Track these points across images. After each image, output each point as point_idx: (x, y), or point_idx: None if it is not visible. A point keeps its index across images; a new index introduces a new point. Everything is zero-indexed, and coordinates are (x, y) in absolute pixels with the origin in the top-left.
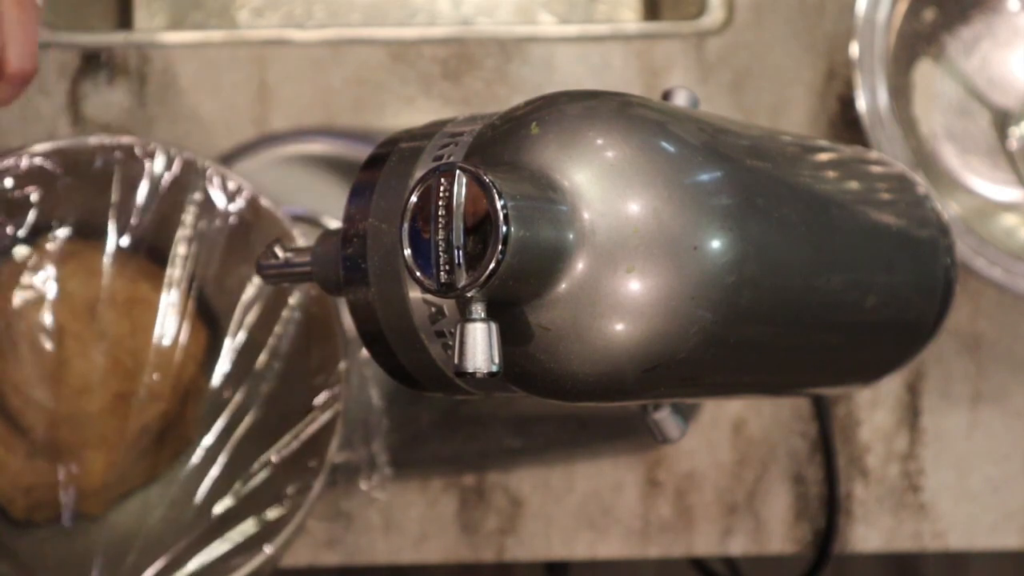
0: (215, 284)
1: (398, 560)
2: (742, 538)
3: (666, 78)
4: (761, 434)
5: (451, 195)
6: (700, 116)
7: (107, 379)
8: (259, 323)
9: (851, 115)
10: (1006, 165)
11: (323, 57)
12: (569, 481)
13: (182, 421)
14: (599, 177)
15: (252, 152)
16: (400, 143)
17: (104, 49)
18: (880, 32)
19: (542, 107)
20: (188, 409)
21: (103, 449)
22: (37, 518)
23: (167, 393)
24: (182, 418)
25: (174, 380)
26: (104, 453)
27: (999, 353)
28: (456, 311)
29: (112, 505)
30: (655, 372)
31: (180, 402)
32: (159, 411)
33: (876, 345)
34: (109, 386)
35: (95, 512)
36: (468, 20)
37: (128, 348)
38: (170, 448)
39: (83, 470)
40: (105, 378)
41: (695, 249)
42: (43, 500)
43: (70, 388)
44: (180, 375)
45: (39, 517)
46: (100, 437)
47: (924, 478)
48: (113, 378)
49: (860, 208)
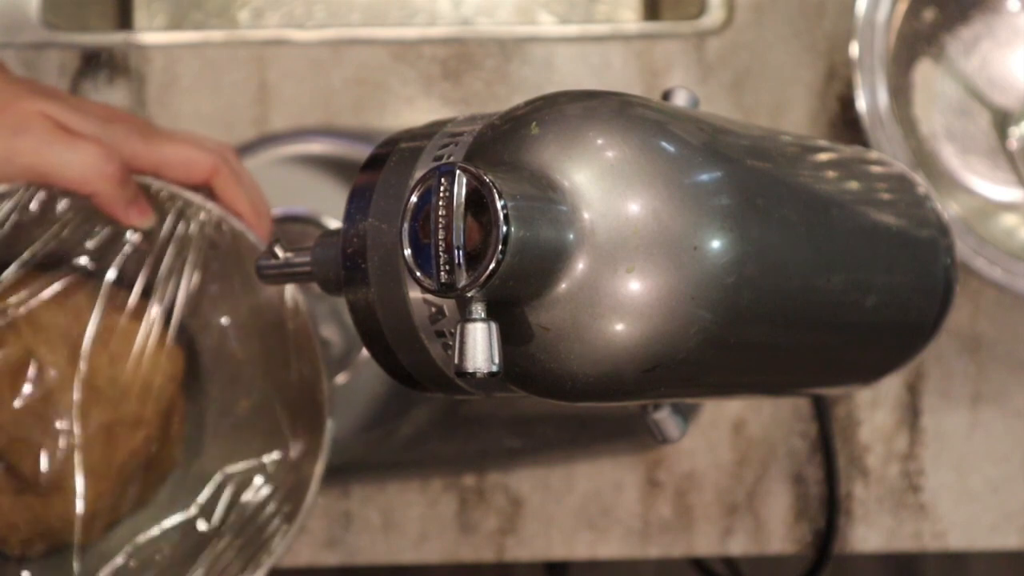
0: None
1: (398, 560)
2: (742, 538)
3: (666, 78)
4: (761, 434)
5: (451, 195)
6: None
7: (89, 410)
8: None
9: (851, 115)
10: (1006, 165)
11: (323, 57)
12: (569, 481)
13: (167, 444)
14: (599, 177)
15: (252, 152)
16: (400, 143)
17: (104, 49)
18: (880, 32)
19: (542, 107)
20: (172, 431)
21: (90, 480)
22: (32, 553)
23: (150, 418)
24: (167, 441)
25: (156, 405)
26: (91, 484)
27: (999, 353)
28: (456, 311)
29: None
30: (655, 372)
31: (163, 426)
32: (144, 437)
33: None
34: (92, 417)
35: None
36: (468, 20)
37: (107, 377)
38: (156, 472)
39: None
40: (87, 409)
41: (695, 249)
42: (34, 535)
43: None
44: (161, 399)
45: (34, 552)
46: (86, 468)
47: (924, 478)
48: (95, 408)
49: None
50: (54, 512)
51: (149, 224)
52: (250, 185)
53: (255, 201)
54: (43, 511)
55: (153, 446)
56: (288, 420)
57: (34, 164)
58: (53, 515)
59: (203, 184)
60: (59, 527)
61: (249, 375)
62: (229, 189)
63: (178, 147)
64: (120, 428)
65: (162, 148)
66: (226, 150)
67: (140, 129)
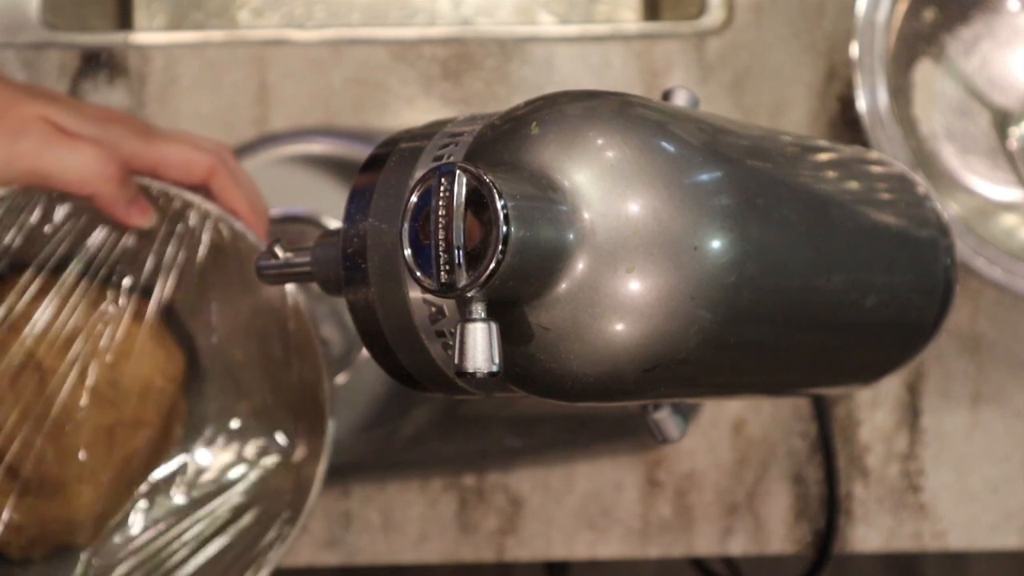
0: (187, 304)
1: (398, 560)
2: (742, 538)
3: (666, 78)
4: (761, 434)
5: (451, 195)
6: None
7: (90, 412)
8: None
9: (851, 115)
10: (1006, 165)
11: (323, 57)
12: (569, 481)
13: (168, 444)
14: (599, 177)
15: (252, 152)
16: (400, 143)
17: (104, 49)
18: (880, 32)
19: (542, 107)
20: (173, 432)
21: (92, 482)
22: (34, 556)
23: (151, 419)
24: (167, 441)
25: (157, 406)
26: (93, 485)
27: (999, 353)
28: (456, 311)
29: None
30: (655, 372)
31: (164, 426)
32: (145, 437)
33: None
34: (93, 419)
35: (89, 543)
36: (468, 20)
37: (107, 379)
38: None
39: (74, 504)
40: (88, 411)
41: (695, 249)
42: (36, 538)
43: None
44: (162, 400)
45: (35, 555)
46: (89, 470)
47: (924, 478)
48: (96, 410)
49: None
50: (57, 514)
51: (150, 224)
52: (248, 185)
53: (253, 201)
54: (46, 514)
55: (154, 447)
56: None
57: (34, 167)
58: (56, 517)
59: (201, 184)
60: (61, 529)
61: (249, 376)
62: (227, 189)
63: (176, 147)
64: (121, 430)
65: (160, 148)
66: (223, 150)
67: (138, 130)
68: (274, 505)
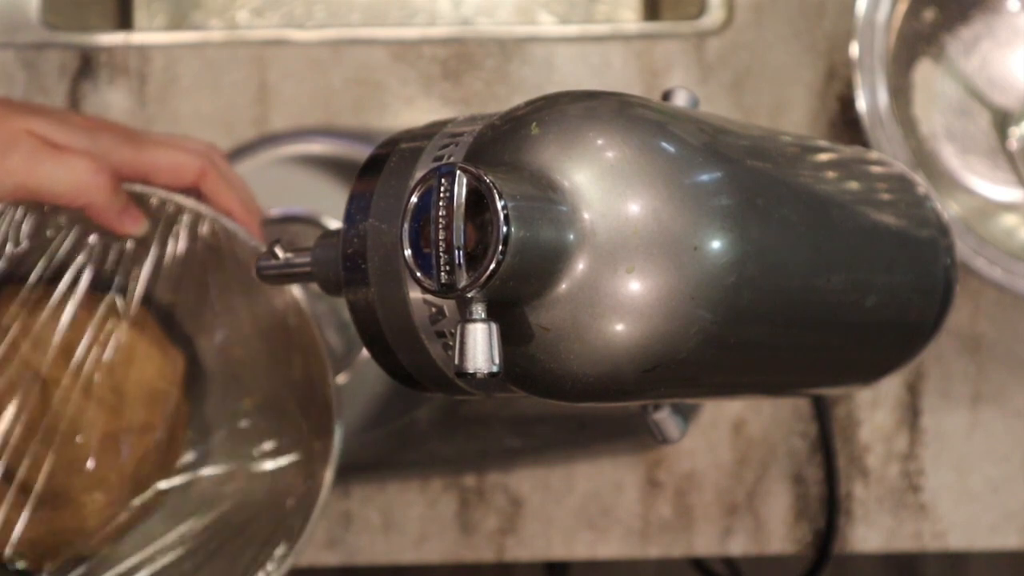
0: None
1: (398, 560)
2: (742, 538)
3: (666, 78)
4: (761, 434)
5: (451, 195)
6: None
7: (94, 420)
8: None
9: (851, 115)
10: (1006, 165)
11: (323, 57)
12: (569, 481)
13: (176, 448)
14: (599, 177)
15: (252, 152)
16: (400, 143)
17: (104, 49)
18: (880, 32)
19: (542, 107)
20: (179, 435)
21: (101, 489)
22: (47, 568)
23: (156, 422)
24: (175, 445)
25: (160, 409)
26: (103, 493)
27: (999, 353)
28: (456, 311)
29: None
30: (655, 372)
31: (170, 429)
32: (150, 442)
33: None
34: (97, 427)
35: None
36: (468, 20)
37: (109, 386)
38: (165, 476)
39: (85, 513)
40: (92, 419)
41: (695, 249)
42: (49, 549)
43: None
44: (165, 403)
45: (48, 567)
46: (98, 478)
47: (924, 478)
48: (100, 418)
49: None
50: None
51: (142, 231)
52: (239, 184)
53: (245, 199)
54: (58, 525)
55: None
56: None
57: (24, 182)
58: (68, 528)
59: (192, 187)
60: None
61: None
62: (218, 190)
63: (165, 152)
64: (126, 436)
65: (150, 154)
66: (212, 151)
67: (126, 137)
68: (284, 506)
